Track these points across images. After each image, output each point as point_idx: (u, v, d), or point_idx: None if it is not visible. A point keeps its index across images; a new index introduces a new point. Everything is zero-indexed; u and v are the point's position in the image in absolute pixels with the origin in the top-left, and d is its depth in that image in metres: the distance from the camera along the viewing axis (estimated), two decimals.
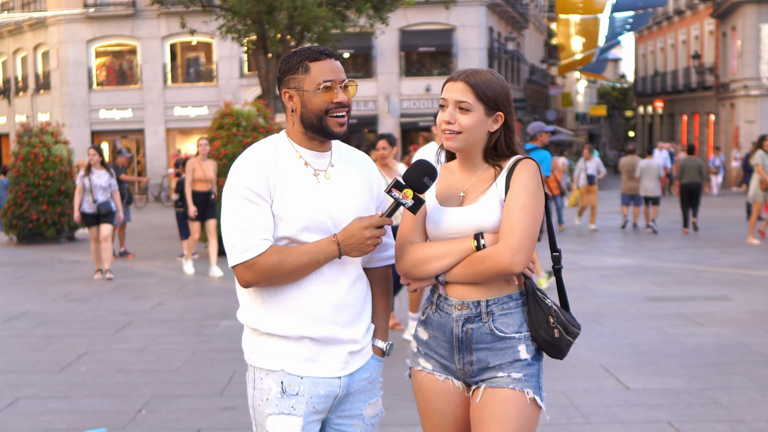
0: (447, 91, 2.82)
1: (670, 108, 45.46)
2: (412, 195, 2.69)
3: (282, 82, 2.76)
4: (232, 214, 2.67)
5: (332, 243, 2.66)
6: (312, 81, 2.70)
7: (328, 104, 2.70)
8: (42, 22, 33.38)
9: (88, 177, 12.20)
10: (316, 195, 2.70)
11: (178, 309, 9.69)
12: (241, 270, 2.66)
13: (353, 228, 2.66)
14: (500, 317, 2.77)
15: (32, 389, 6.41)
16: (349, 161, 2.84)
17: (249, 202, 2.65)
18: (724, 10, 34.65)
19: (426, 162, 2.74)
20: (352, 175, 2.80)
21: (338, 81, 2.71)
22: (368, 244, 2.66)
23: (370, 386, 2.85)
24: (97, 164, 12.27)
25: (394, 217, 2.75)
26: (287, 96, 2.75)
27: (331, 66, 2.72)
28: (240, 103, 19.35)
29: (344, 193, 2.75)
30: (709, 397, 5.89)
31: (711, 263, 12.60)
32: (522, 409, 2.74)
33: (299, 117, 2.74)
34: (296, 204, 2.67)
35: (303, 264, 2.65)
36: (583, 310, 8.88)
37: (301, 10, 17.81)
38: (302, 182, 2.71)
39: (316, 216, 2.68)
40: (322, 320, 2.71)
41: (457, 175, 2.90)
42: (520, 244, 2.67)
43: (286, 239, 2.68)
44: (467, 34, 32.06)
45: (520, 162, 2.79)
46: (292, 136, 2.79)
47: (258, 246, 2.63)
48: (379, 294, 2.91)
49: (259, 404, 2.75)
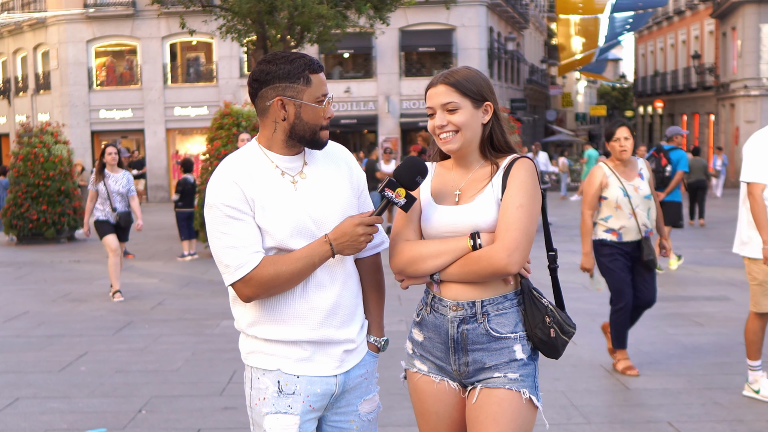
0: (430, 98, 2.81)
1: (670, 108, 45.45)
2: (404, 194, 2.69)
3: (271, 86, 2.66)
4: (219, 233, 2.65)
5: (324, 244, 2.65)
6: (312, 94, 2.66)
7: (323, 120, 2.70)
8: (42, 22, 33.37)
9: (103, 182, 10.18)
10: (294, 201, 2.68)
11: (178, 309, 9.69)
12: (240, 287, 2.65)
13: (345, 226, 2.65)
14: (495, 317, 2.77)
15: (32, 389, 6.41)
16: (324, 156, 2.80)
17: (232, 219, 2.62)
18: (724, 10, 34.66)
19: (417, 159, 2.74)
20: (328, 172, 2.78)
21: (328, 95, 2.72)
22: (361, 241, 2.66)
23: (366, 382, 2.86)
24: (113, 166, 10.37)
25: None
26: (279, 103, 2.66)
27: (324, 79, 2.72)
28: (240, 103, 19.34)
29: (322, 192, 2.73)
30: (709, 397, 5.89)
31: (711, 263, 12.60)
32: (518, 410, 2.74)
33: (288, 127, 2.68)
34: (277, 213, 2.65)
35: (299, 270, 2.64)
36: (583, 310, 8.88)
37: (302, 9, 17.80)
38: (279, 191, 2.68)
39: (298, 222, 2.66)
40: (317, 325, 2.71)
41: (452, 173, 2.88)
42: (516, 244, 2.66)
43: (274, 249, 2.67)
44: (467, 34, 32.05)
45: (517, 161, 2.78)
46: (268, 144, 2.73)
47: (251, 260, 2.62)
48: (370, 288, 2.90)
49: (256, 403, 2.76)
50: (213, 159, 14.37)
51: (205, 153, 15.46)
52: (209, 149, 14.76)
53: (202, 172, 15.00)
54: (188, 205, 14.43)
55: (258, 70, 2.69)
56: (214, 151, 14.37)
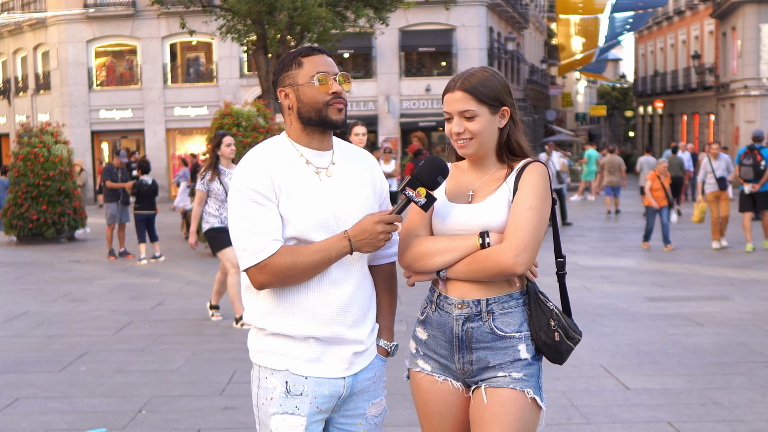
0: (447, 103, 2.81)
1: (670, 108, 45.45)
2: (425, 193, 2.70)
3: (277, 83, 2.78)
4: (241, 217, 2.67)
5: (343, 239, 2.66)
6: (305, 74, 2.72)
7: (325, 95, 2.71)
8: (42, 22, 33.36)
9: (218, 179, 8.37)
10: (318, 193, 2.71)
11: (178, 309, 9.69)
12: (255, 272, 2.66)
13: (365, 223, 2.66)
14: (500, 316, 2.77)
15: (32, 389, 6.40)
16: (351, 159, 2.84)
17: (256, 204, 2.65)
18: (724, 10, 34.64)
19: (438, 159, 2.75)
20: (354, 172, 2.81)
21: (331, 73, 2.74)
22: (380, 239, 2.66)
23: (374, 386, 2.85)
24: (230, 161, 8.59)
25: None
26: (283, 95, 2.77)
27: (324, 60, 2.75)
28: (240, 103, 19.34)
29: (346, 190, 2.75)
30: (709, 397, 5.89)
31: (711, 263, 12.60)
32: (522, 409, 2.73)
33: (296, 113, 2.75)
34: (301, 204, 2.67)
35: (315, 262, 2.65)
36: (583, 310, 8.89)
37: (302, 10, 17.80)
38: (305, 181, 2.71)
39: (320, 215, 2.69)
40: (328, 321, 2.72)
41: (467, 174, 2.89)
42: (524, 245, 2.66)
43: (294, 239, 2.69)
44: (467, 34, 32.05)
45: (529, 164, 2.79)
46: (292, 136, 2.79)
47: (269, 247, 2.63)
48: (383, 292, 2.91)
49: (263, 403, 2.76)
50: None
51: (205, 153, 15.45)
52: (209, 149, 14.72)
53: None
54: (146, 207, 14.22)
55: (273, 74, 2.84)
56: None
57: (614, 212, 22.09)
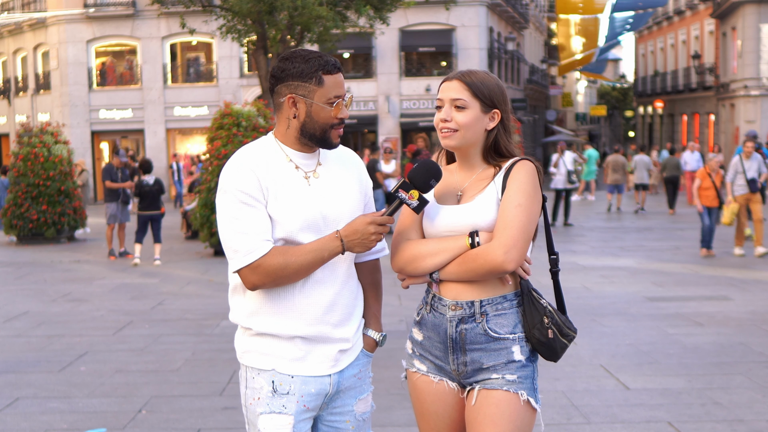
0: (443, 90, 2.83)
1: (670, 108, 45.46)
2: (417, 196, 2.71)
3: (285, 84, 2.71)
4: (230, 218, 2.68)
5: (335, 239, 2.67)
6: (323, 95, 2.69)
7: (334, 119, 2.72)
8: (42, 22, 33.36)
9: None
10: (306, 195, 2.71)
11: (178, 309, 9.69)
12: (247, 273, 2.66)
13: (358, 224, 2.68)
14: (494, 318, 2.77)
15: (32, 389, 6.41)
16: (336, 159, 2.85)
17: (245, 205, 2.65)
18: (724, 10, 34.65)
19: (432, 162, 2.76)
20: (340, 173, 2.82)
21: (343, 96, 2.73)
22: (372, 240, 2.68)
23: (360, 382, 2.87)
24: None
25: None
26: (291, 101, 2.71)
27: (341, 81, 2.73)
28: (240, 103, 19.34)
29: (334, 191, 2.77)
30: (709, 397, 5.89)
31: (711, 263, 12.59)
32: (516, 411, 2.74)
33: (300, 125, 2.73)
34: (289, 205, 2.68)
35: (308, 262, 2.66)
36: (583, 310, 8.89)
37: (302, 10, 17.80)
38: (293, 184, 2.72)
39: (308, 216, 2.70)
40: (314, 320, 2.73)
41: (456, 175, 2.90)
42: (513, 242, 2.66)
43: (282, 240, 2.70)
44: (467, 34, 32.04)
45: (518, 162, 2.79)
46: (283, 139, 2.78)
47: (261, 247, 2.64)
48: (369, 285, 2.94)
49: (251, 403, 2.78)
50: (213, 159, 14.37)
51: (205, 153, 15.44)
52: (209, 149, 14.76)
53: (202, 172, 14.97)
54: (147, 207, 14.07)
55: (275, 67, 2.74)
56: (214, 151, 14.36)
57: (616, 209, 22.77)
